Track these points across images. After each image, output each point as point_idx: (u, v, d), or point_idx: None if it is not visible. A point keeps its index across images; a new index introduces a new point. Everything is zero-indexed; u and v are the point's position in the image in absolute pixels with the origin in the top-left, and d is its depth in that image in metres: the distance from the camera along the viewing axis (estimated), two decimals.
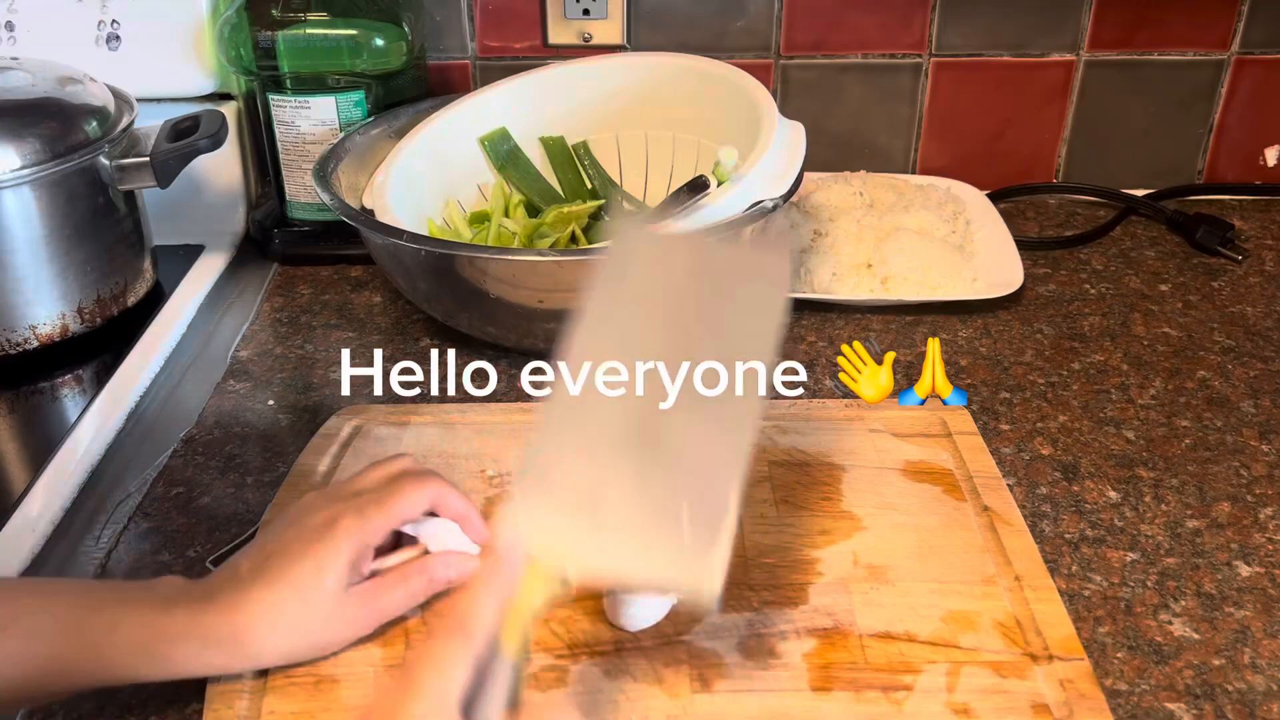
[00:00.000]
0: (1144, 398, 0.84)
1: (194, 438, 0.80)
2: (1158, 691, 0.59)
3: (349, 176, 0.92)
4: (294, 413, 0.83)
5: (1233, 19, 1.10)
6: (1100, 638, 0.62)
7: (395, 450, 0.75)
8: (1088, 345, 0.90)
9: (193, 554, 0.69)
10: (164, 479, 0.76)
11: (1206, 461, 0.77)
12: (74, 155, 0.86)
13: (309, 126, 0.99)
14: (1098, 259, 1.04)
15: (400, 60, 1.01)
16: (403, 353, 0.89)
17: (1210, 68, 1.13)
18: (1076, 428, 0.80)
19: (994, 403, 0.83)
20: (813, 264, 0.96)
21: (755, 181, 0.82)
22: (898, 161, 1.17)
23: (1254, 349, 0.90)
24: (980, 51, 1.12)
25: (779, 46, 1.11)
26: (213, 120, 0.93)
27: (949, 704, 0.56)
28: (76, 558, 0.69)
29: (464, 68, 1.13)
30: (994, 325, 0.93)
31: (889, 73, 1.13)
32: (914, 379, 0.85)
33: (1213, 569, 0.67)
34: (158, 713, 0.58)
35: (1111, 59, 1.12)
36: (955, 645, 0.60)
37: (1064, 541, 0.70)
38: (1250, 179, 1.18)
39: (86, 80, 0.92)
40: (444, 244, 0.85)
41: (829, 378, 0.86)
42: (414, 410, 0.80)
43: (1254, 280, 1.00)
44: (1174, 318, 0.94)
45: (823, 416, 0.79)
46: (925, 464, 0.74)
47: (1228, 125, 1.15)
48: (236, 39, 0.99)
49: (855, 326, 0.93)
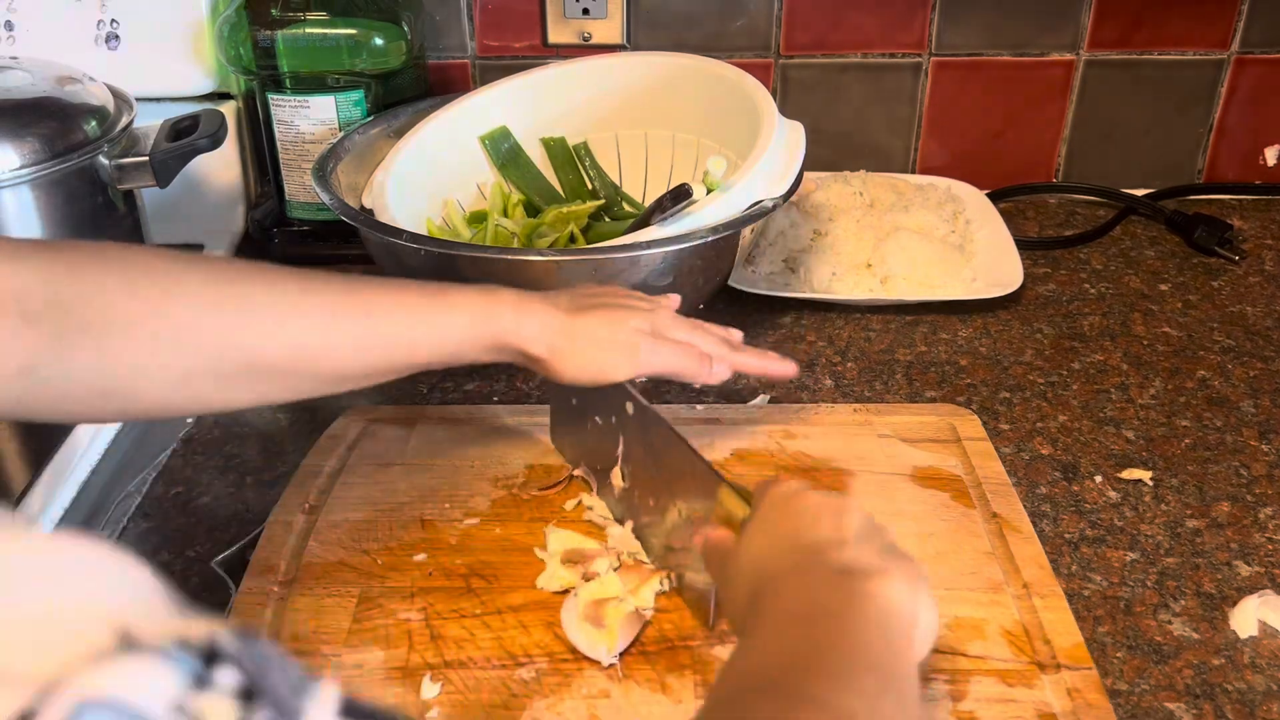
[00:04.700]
0: (1144, 397, 0.84)
1: (193, 437, 0.80)
2: (1158, 691, 0.59)
3: (348, 176, 0.92)
4: (293, 412, 0.83)
5: (1232, 19, 1.10)
6: (1100, 637, 0.62)
7: (397, 450, 0.75)
8: (1088, 345, 0.90)
9: (192, 554, 0.69)
10: (164, 478, 0.76)
11: (1206, 461, 0.77)
12: (73, 155, 0.86)
13: (308, 126, 0.99)
14: (1097, 259, 1.04)
15: (400, 60, 1.01)
16: None
17: (1210, 67, 1.13)
18: (1076, 427, 0.80)
19: (994, 403, 0.83)
20: (812, 264, 0.96)
21: (755, 181, 0.82)
22: (897, 161, 1.17)
23: (1254, 349, 0.90)
24: (980, 51, 1.12)
25: (779, 46, 1.11)
26: (212, 120, 0.93)
27: (955, 712, 0.56)
28: None
29: (463, 67, 1.13)
30: (994, 325, 0.93)
31: (889, 72, 1.13)
32: (914, 378, 0.85)
33: (1213, 569, 0.67)
34: None
35: (1111, 59, 1.12)
36: (962, 653, 0.60)
37: (1064, 541, 0.70)
38: (1250, 179, 1.18)
39: (86, 80, 0.92)
40: (443, 243, 0.84)
41: (829, 377, 0.86)
42: (420, 412, 0.80)
43: (1254, 280, 1.00)
44: (1174, 317, 0.94)
45: (831, 421, 0.79)
46: (934, 470, 0.74)
47: (1227, 125, 1.15)
48: (236, 38, 0.99)
49: (855, 326, 0.93)
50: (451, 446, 0.76)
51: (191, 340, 0.54)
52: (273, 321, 0.57)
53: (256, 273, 0.58)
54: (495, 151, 1.00)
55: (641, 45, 1.11)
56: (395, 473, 0.74)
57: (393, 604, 0.63)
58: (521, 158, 1.01)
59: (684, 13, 1.10)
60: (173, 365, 0.54)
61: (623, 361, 0.64)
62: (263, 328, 0.56)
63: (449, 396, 0.84)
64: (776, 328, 0.93)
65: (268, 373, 0.57)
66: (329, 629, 0.61)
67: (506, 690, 0.58)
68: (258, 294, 0.57)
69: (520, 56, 1.11)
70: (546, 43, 1.11)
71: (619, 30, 1.10)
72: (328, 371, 0.59)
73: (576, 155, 1.02)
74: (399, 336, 0.61)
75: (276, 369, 0.57)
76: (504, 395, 0.84)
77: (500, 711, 0.57)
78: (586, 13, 1.09)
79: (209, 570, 0.67)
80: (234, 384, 0.57)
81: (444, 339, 0.62)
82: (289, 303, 0.58)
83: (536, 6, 1.09)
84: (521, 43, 1.11)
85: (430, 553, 0.67)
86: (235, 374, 0.56)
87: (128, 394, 0.54)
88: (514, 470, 0.74)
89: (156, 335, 0.53)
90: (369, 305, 0.60)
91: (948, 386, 0.85)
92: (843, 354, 0.89)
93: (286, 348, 0.57)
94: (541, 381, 0.84)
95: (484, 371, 0.87)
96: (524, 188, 1.00)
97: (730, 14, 1.10)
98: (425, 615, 0.62)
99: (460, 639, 0.61)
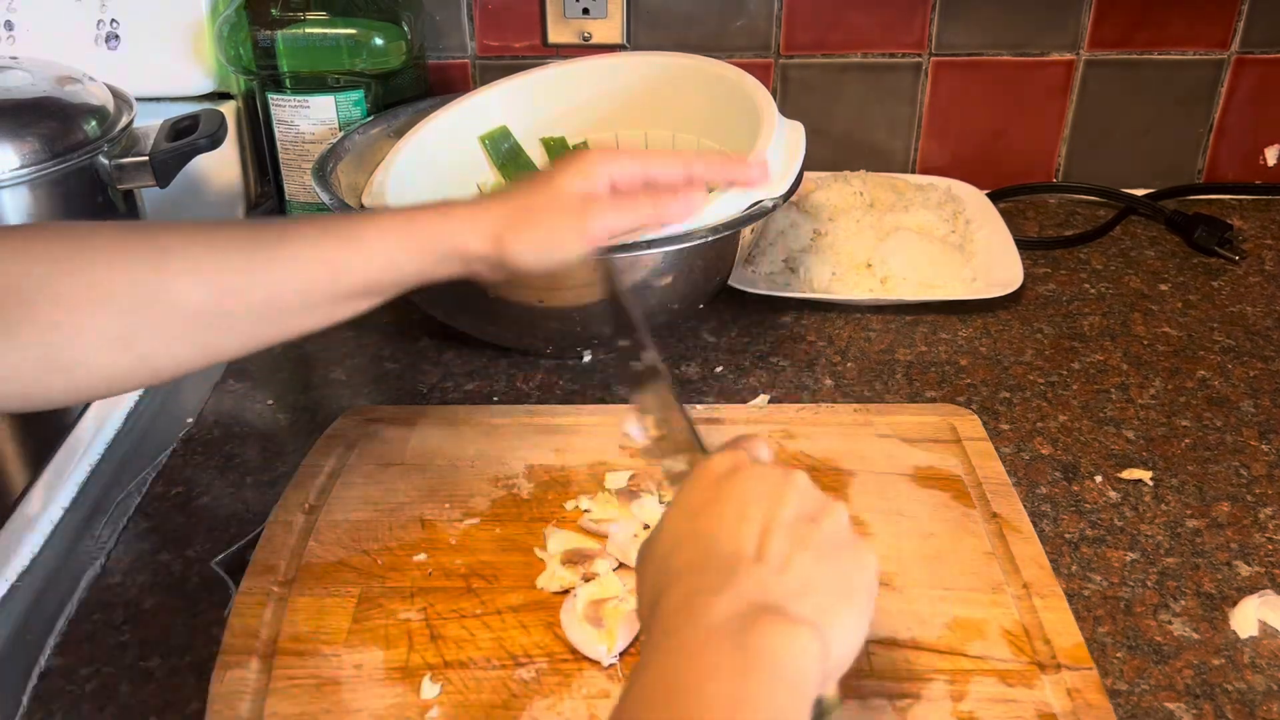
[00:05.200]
0: (1144, 397, 0.84)
1: (193, 437, 0.80)
2: (1158, 691, 0.59)
3: (348, 176, 0.92)
4: (293, 412, 0.83)
5: (1233, 19, 1.10)
6: (1100, 637, 0.62)
7: (397, 450, 0.75)
8: (1088, 345, 0.90)
9: (192, 554, 0.69)
10: (163, 478, 0.76)
11: (1206, 461, 0.77)
12: (73, 155, 0.86)
13: (308, 126, 0.99)
14: (1097, 259, 1.04)
15: (399, 59, 1.01)
16: (403, 352, 0.89)
17: (1210, 67, 1.13)
18: (1076, 427, 0.80)
19: (994, 403, 0.83)
20: (812, 264, 0.96)
21: None
22: (897, 161, 1.17)
23: (1254, 349, 0.90)
24: (980, 51, 1.12)
25: (779, 46, 1.11)
26: (212, 119, 0.93)
27: (955, 712, 0.56)
28: (76, 557, 0.69)
29: (463, 67, 1.13)
30: (994, 325, 0.93)
31: (889, 72, 1.13)
32: (914, 378, 0.86)
33: (1213, 569, 0.67)
34: (157, 713, 0.58)
35: (1111, 58, 1.12)
36: (962, 653, 0.60)
37: (1064, 541, 0.70)
38: (1250, 179, 1.18)
39: (85, 79, 0.92)
40: None
41: (829, 377, 0.86)
42: (420, 411, 0.80)
43: (1254, 280, 1.00)
44: (1174, 317, 0.94)
45: (831, 421, 0.79)
46: (934, 470, 0.74)
47: (1227, 125, 1.15)
48: (236, 38, 0.99)
49: (855, 326, 0.93)
50: (451, 446, 0.76)
51: (116, 295, 0.54)
52: (190, 264, 0.56)
53: (171, 224, 0.59)
54: (495, 151, 1.00)
55: (641, 45, 1.11)
56: (395, 473, 0.74)
57: (393, 604, 0.63)
58: (521, 158, 1.01)
59: (684, 13, 1.10)
60: (107, 327, 0.54)
61: (571, 229, 0.61)
62: (182, 273, 0.56)
63: (449, 396, 0.84)
64: (776, 328, 0.93)
65: (199, 319, 0.56)
66: (329, 629, 0.61)
67: (506, 690, 0.58)
68: (171, 241, 0.57)
69: (520, 56, 1.11)
70: (546, 43, 1.11)
71: (619, 30, 1.10)
72: (257, 307, 0.58)
73: None
74: (323, 259, 0.58)
75: (204, 313, 0.56)
76: (504, 395, 0.84)
77: (500, 712, 0.57)
78: (586, 13, 1.09)
79: (209, 570, 0.67)
80: (172, 338, 0.56)
81: (372, 256, 0.59)
82: (203, 244, 0.57)
83: (536, 6, 1.09)
84: (521, 43, 1.11)
85: (430, 553, 0.67)
86: (169, 327, 0.56)
87: (75, 365, 0.54)
88: (514, 470, 0.74)
89: (82, 298, 0.53)
90: (283, 233, 0.59)
91: (948, 386, 0.85)
92: (843, 354, 0.89)
93: (206, 288, 0.56)
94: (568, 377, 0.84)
95: (484, 371, 0.87)
96: None
97: (730, 14, 1.10)
98: (425, 615, 0.62)
99: (460, 639, 0.61)
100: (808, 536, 0.45)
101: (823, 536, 0.46)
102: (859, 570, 0.46)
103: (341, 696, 0.57)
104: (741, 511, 0.46)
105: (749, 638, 0.41)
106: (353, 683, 0.58)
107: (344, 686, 0.58)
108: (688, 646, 0.42)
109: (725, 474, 0.48)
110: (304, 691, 0.57)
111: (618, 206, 0.63)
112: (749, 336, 0.91)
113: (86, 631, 0.64)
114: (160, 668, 0.61)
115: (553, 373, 0.86)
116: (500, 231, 0.60)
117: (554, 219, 0.61)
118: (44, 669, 0.61)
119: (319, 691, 0.57)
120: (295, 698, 0.57)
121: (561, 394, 0.84)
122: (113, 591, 0.66)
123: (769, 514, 0.46)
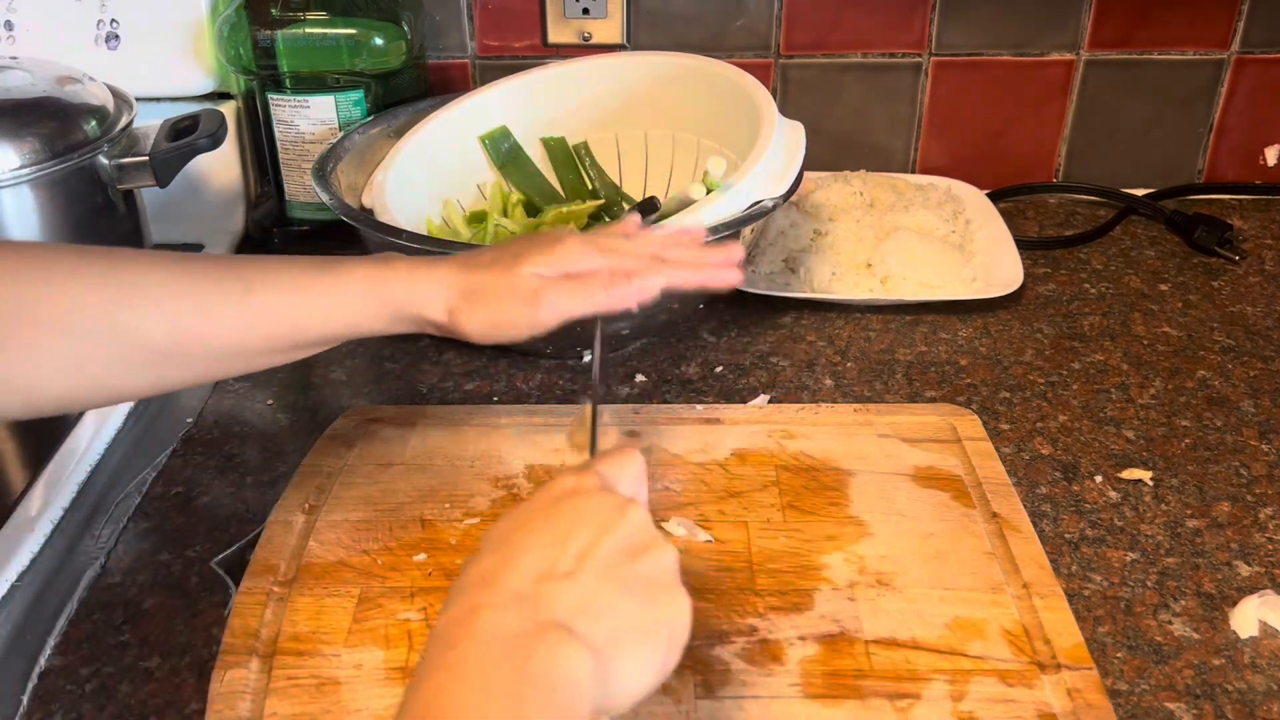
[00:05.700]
0: (1144, 397, 0.84)
1: (193, 437, 0.80)
2: (1158, 691, 0.59)
3: (348, 176, 0.92)
4: (293, 412, 0.83)
5: (1233, 18, 1.10)
6: (1100, 637, 0.62)
7: (397, 450, 0.76)
8: (1088, 345, 0.90)
9: (192, 554, 0.69)
10: (163, 479, 0.76)
11: (1206, 461, 0.77)
12: (73, 155, 0.86)
13: (308, 126, 0.99)
14: (1097, 258, 1.04)
15: (399, 59, 1.01)
16: (403, 352, 0.89)
17: (1210, 67, 1.13)
18: (1076, 427, 0.80)
19: (994, 403, 0.83)
20: (812, 264, 0.96)
21: (755, 181, 0.82)
22: (897, 161, 1.17)
23: (1254, 349, 0.90)
24: (980, 51, 1.12)
25: (779, 46, 1.11)
26: (212, 119, 0.93)
27: (955, 712, 0.56)
28: (76, 557, 0.69)
29: (463, 67, 1.13)
30: (994, 325, 0.93)
31: (889, 72, 1.13)
32: (914, 378, 0.86)
33: (1213, 569, 0.67)
34: (157, 714, 0.58)
35: (1111, 58, 1.12)
36: (962, 653, 0.60)
37: (1064, 541, 0.70)
38: (1250, 179, 1.18)
39: (85, 79, 0.92)
40: (443, 243, 0.84)
41: (829, 377, 0.86)
42: (420, 411, 0.80)
43: (1254, 280, 1.00)
44: (1174, 317, 0.94)
45: (831, 421, 0.79)
46: (934, 470, 0.74)
47: (1227, 125, 1.15)
48: (236, 38, 0.99)
49: (855, 326, 0.93)
50: (451, 446, 0.76)
51: (74, 323, 0.54)
52: (150, 300, 0.56)
53: (135, 255, 0.59)
54: (495, 151, 1.00)
55: (641, 45, 1.11)
56: (395, 473, 0.74)
57: (393, 604, 0.63)
58: (521, 158, 1.01)
59: (684, 13, 1.10)
60: (62, 352, 0.54)
61: (522, 313, 0.62)
62: (141, 307, 0.56)
63: (449, 396, 0.84)
64: (776, 328, 0.93)
65: (155, 354, 0.57)
66: (329, 629, 0.61)
67: None
68: (134, 274, 0.57)
69: (520, 56, 1.11)
70: (546, 43, 1.11)
71: (619, 30, 1.10)
72: (217, 350, 0.59)
73: (576, 155, 1.02)
74: (283, 312, 0.60)
75: (161, 350, 0.57)
76: (504, 395, 0.84)
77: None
78: (586, 13, 1.09)
79: (209, 570, 0.67)
80: (127, 368, 0.57)
81: (332, 313, 0.61)
82: (166, 281, 0.57)
83: (536, 6, 1.09)
84: (521, 43, 1.11)
85: (430, 553, 0.67)
86: (124, 357, 0.56)
87: (28, 386, 0.54)
88: (514, 470, 0.74)
89: (39, 322, 0.54)
90: (249, 282, 0.59)
91: (948, 386, 0.85)
92: (843, 354, 0.89)
93: (167, 327, 0.57)
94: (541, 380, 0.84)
95: (484, 371, 0.87)
96: (524, 188, 1.00)
97: (730, 14, 1.10)
98: (425, 615, 0.62)
99: None
100: (621, 569, 0.45)
101: (638, 573, 0.45)
102: (669, 614, 0.45)
103: (341, 696, 0.57)
104: (566, 533, 0.46)
105: (528, 658, 0.41)
106: (353, 683, 0.58)
107: (344, 686, 0.58)
108: (466, 661, 0.41)
109: (564, 494, 0.48)
110: (304, 691, 0.57)
111: (571, 292, 0.63)
112: (749, 336, 0.91)
113: (86, 631, 0.64)
114: (160, 668, 0.61)
115: (553, 373, 0.86)
116: (457, 305, 0.62)
117: (507, 302, 0.62)
118: (44, 669, 0.61)
119: (319, 691, 0.57)
120: (295, 698, 0.57)
121: (561, 394, 0.84)
122: (113, 591, 0.66)
123: (591, 541, 0.45)
